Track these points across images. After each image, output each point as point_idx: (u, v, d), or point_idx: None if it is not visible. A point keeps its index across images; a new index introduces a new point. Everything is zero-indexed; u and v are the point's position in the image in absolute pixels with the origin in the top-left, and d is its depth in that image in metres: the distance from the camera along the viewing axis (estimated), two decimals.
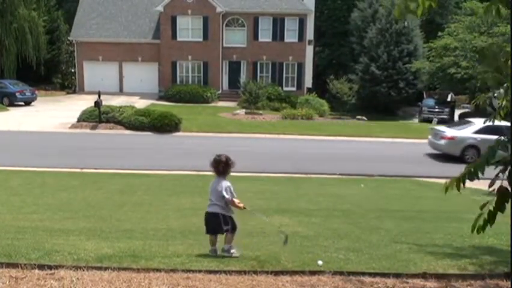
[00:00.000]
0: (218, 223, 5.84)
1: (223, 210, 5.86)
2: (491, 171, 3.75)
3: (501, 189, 3.37)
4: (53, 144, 22.40)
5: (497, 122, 3.77)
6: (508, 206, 3.47)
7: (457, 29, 33.99)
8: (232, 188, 5.87)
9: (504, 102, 3.67)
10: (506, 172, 3.38)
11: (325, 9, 48.75)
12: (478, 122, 19.93)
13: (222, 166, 5.90)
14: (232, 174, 6.13)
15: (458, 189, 3.55)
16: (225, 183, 5.86)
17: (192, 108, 34.66)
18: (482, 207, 3.48)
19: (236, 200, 5.87)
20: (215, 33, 40.09)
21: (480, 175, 3.48)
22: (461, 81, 33.02)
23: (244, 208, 5.92)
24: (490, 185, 3.45)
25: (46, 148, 21.53)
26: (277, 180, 16.46)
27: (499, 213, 3.47)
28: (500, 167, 3.39)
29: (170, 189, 14.00)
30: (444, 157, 20.70)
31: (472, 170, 3.49)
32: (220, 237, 6.00)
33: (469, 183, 3.69)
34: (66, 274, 4.80)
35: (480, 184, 15.28)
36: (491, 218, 3.46)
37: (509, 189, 3.41)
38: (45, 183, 14.56)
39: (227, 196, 5.80)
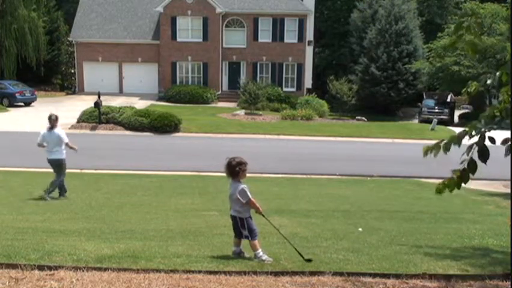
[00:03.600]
0: (237, 226, 5.94)
1: (239, 213, 5.91)
2: (483, 169, 3.74)
3: (471, 162, 3.40)
4: None
5: None
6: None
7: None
8: (247, 190, 5.87)
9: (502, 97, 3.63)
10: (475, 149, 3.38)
11: (325, 10, 48.80)
12: None
13: (232, 169, 5.88)
14: None
15: (458, 187, 3.55)
16: (239, 186, 5.87)
17: (191, 108, 34.66)
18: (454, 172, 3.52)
19: (254, 201, 5.91)
20: (215, 34, 40.11)
21: (457, 146, 3.49)
22: (462, 82, 33.01)
23: (261, 213, 5.95)
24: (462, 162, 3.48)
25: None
26: (276, 181, 16.47)
27: (499, 215, 3.50)
28: (472, 142, 3.42)
29: (170, 190, 14.00)
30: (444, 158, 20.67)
31: (450, 139, 3.51)
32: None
33: (468, 184, 3.68)
34: (66, 275, 4.80)
35: (480, 185, 15.26)
36: (451, 185, 3.50)
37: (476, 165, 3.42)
38: (45, 184, 14.54)
39: (242, 200, 5.84)
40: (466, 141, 3.47)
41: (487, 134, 3.43)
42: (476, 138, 3.43)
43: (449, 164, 3.70)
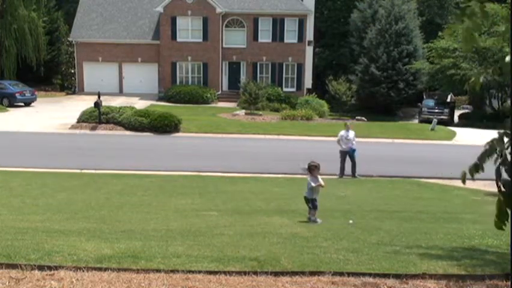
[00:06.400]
0: (308, 203, 9.66)
1: (309, 195, 9.65)
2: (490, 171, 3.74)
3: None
4: (53, 145, 22.41)
5: None
6: None
7: (457, 30, 33.95)
8: (311, 181, 9.67)
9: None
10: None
11: (325, 10, 48.79)
12: None
13: (310, 169, 9.73)
14: (231, 174, 6.18)
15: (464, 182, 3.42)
16: (310, 179, 9.72)
17: (191, 108, 34.66)
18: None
19: (315, 184, 9.65)
20: (215, 34, 40.11)
21: (481, 172, 3.37)
22: (461, 83, 33.05)
23: (323, 186, 9.77)
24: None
25: (46, 149, 21.53)
26: (276, 181, 16.47)
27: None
28: (499, 160, 3.27)
29: (170, 190, 14.00)
30: (444, 158, 20.70)
31: (473, 167, 3.38)
32: None
33: (468, 184, 3.68)
34: (66, 275, 4.80)
35: (480, 185, 15.20)
36: (502, 215, 3.23)
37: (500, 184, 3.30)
38: (45, 184, 14.56)
39: (310, 185, 9.70)
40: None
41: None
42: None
43: (448, 165, 3.69)
